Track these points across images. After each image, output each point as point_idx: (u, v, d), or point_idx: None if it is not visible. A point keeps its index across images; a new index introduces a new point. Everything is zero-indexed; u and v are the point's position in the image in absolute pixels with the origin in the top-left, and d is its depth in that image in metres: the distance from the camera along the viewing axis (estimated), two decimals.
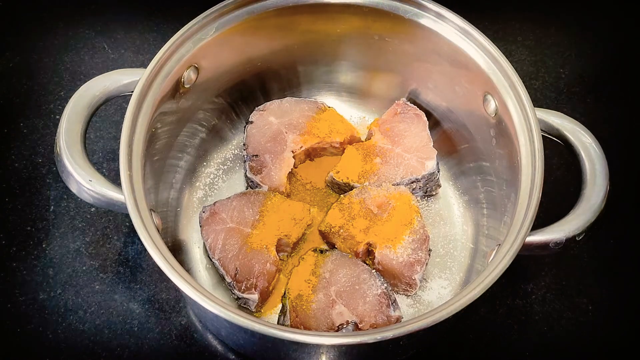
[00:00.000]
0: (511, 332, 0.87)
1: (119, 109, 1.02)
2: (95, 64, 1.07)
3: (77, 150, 0.74)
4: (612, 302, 0.89)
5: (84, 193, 0.74)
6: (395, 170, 0.91)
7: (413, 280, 0.83)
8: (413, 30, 0.88)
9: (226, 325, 0.77)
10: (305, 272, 0.83)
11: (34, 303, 0.86)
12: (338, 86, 1.02)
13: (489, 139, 0.86)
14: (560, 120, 0.79)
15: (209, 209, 0.86)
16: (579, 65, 1.10)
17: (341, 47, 0.95)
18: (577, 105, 1.06)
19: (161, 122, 0.82)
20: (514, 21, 1.14)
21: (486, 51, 0.82)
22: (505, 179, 0.83)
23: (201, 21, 0.82)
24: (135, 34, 1.10)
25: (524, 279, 0.91)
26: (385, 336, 0.63)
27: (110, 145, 0.99)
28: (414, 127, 0.93)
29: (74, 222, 0.92)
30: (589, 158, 0.77)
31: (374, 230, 0.86)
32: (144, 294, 0.88)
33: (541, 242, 0.72)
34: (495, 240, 0.82)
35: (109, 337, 0.85)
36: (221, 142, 0.98)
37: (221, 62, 0.89)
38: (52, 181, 0.95)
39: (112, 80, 0.79)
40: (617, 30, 1.15)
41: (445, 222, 0.93)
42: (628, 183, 0.97)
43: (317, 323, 0.79)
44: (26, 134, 0.99)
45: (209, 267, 0.88)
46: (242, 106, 0.98)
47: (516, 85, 0.79)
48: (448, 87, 0.91)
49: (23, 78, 1.04)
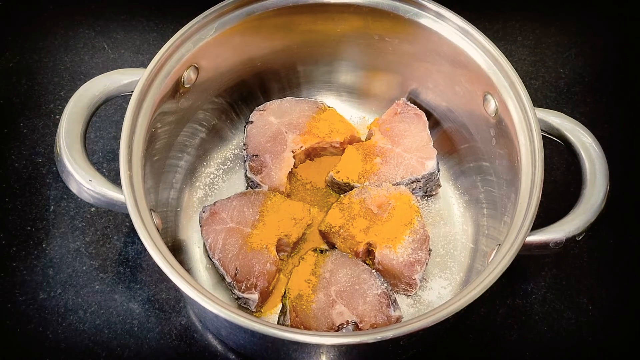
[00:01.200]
0: (511, 332, 0.87)
1: (119, 109, 1.02)
2: (95, 64, 1.07)
3: (77, 150, 0.74)
4: (612, 302, 0.89)
5: (84, 193, 0.74)
6: (395, 170, 0.91)
7: (413, 280, 0.83)
8: (413, 30, 0.88)
9: (226, 325, 0.77)
10: (305, 272, 0.83)
11: (34, 303, 0.86)
12: (338, 86, 1.02)
13: (489, 138, 0.86)
14: (560, 120, 0.79)
15: (209, 208, 0.86)
16: (579, 65, 1.10)
17: (341, 47, 0.95)
18: (577, 105, 1.06)
19: (161, 122, 0.82)
20: (514, 21, 1.14)
21: (486, 51, 0.82)
22: (505, 179, 0.83)
23: (201, 21, 0.82)
24: (135, 34, 1.10)
25: (524, 279, 0.91)
26: (385, 336, 0.63)
27: (110, 145, 0.99)
28: (414, 127, 0.93)
29: (74, 222, 0.92)
30: (589, 158, 0.77)
31: (374, 230, 0.86)
32: (144, 294, 0.88)
33: (541, 242, 0.72)
34: (495, 240, 0.82)
35: (109, 337, 0.85)
36: (221, 142, 0.98)
37: (221, 62, 0.89)
38: (52, 181, 0.95)
39: (112, 80, 0.79)
40: (617, 30, 1.15)
41: (445, 222, 0.93)
42: (628, 183, 0.97)
43: (317, 323, 0.79)
44: (26, 134, 0.99)
45: (209, 267, 0.88)
46: (242, 106, 0.98)
47: (516, 85, 0.79)
48: (448, 87, 0.91)
49: (23, 78, 1.04)
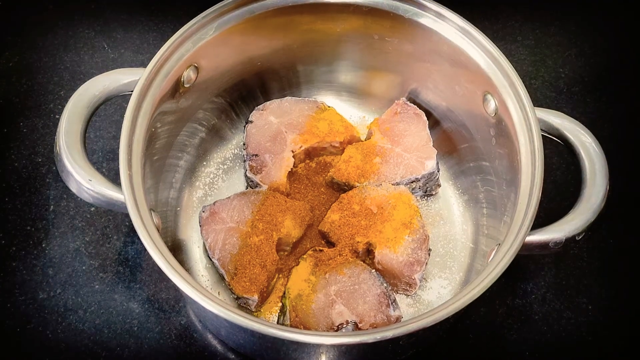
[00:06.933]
0: (511, 332, 0.87)
1: (119, 108, 1.02)
2: (95, 64, 1.07)
3: (76, 149, 0.74)
4: (612, 302, 0.89)
5: (84, 192, 0.74)
6: (395, 169, 0.91)
7: (413, 279, 0.83)
8: (413, 30, 0.88)
9: (226, 325, 0.77)
10: (305, 272, 0.83)
11: (34, 303, 0.86)
12: (338, 86, 1.02)
13: (488, 138, 0.86)
14: (560, 120, 0.79)
15: (208, 208, 0.86)
16: (579, 65, 1.10)
17: (341, 46, 0.95)
18: (577, 105, 1.06)
19: (161, 121, 0.82)
20: (514, 21, 1.14)
21: (486, 51, 0.82)
22: (505, 179, 0.83)
23: (201, 21, 0.82)
24: (135, 33, 1.10)
25: (523, 279, 0.91)
26: (385, 336, 0.63)
27: (110, 145, 0.99)
28: (414, 126, 0.93)
29: (74, 221, 0.92)
30: (588, 158, 0.77)
31: (373, 230, 0.86)
32: (143, 294, 0.88)
33: (541, 241, 0.72)
34: (495, 240, 0.82)
35: (108, 337, 0.85)
36: (221, 142, 0.98)
37: (221, 62, 0.89)
38: (52, 181, 0.95)
39: (112, 79, 0.79)
40: (617, 30, 1.15)
41: (445, 221, 0.93)
42: (628, 183, 0.97)
43: (316, 323, 0.79)
44: (26, 134, 0.99)
45: (209, 266, 0.88)
46: (242, 106, 0.98)
47: (516, 85, 0.79)
48: (448, 86, 0.91)
49: (23, 78, 1.04)
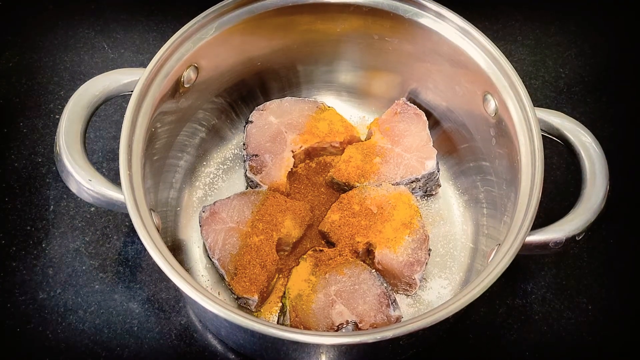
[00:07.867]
0: (511, 332, 0.87)
1: (119, 108, 1.02)
2: (95, 64, 1.07)
3: (76, 150, 0.74)
4: (612, 302, 0.89)
5: (84, 193, 0.74)
6: (395, 169, 0.91)
7: (413, 279, 0.83)
8: (413, 30, 0.88)
9: (226, 325, 0.77)
10: (305, 272, 0.83)
11: (34, 303, 0.86)
12: (338, 86, 1.02)
13: (488, 138, 0.86)
14: (560, 120, 0.79)
15: (208, 208, 0.86)
16: (579, 65, 1.10)
17: (341, 47, 0.95)
18: (577, 105, 1.06)
19: (161, 121, 0.82)
20: (514, 21, 1.14)
21: (486, 51, 0.82)
22: (505, 179, 0.83)
23: (201, 21, 0.82)
24: (135, 33, 1.10)
25: (523, 279, 0.91)
26: (385, 336, 0.63)
27: (110, 145, 0.99)
28: (414, 126, 0.93)
29: (74, 221, 0.92)
30: (589, 158, 0.77)
31: (374, 230, 0.86)
32: (143, 294, 0.88)
33: (541, 242, 0.72)
34: (495, 240, 0.82)
35: (108, 337, 0.85)
36: (221, 142, 0.98)
37: (221, 62, 0.89)
38: (52, 181, 0.95)
39: (112, 79, 0.79)
40: (617, 30, 1.15)
41: (445, 221, 0.93)
42: (628, 183, 0.97)
43: (316, 323, 0.79)
44: (26, 134, 0.99)
45: (209, 267, 0.88)
46: (242, 106, 0.98)
47: (516, 85, 0.79)
48: (448, 86, 0.91)
49: (23, 78, 1.04)
